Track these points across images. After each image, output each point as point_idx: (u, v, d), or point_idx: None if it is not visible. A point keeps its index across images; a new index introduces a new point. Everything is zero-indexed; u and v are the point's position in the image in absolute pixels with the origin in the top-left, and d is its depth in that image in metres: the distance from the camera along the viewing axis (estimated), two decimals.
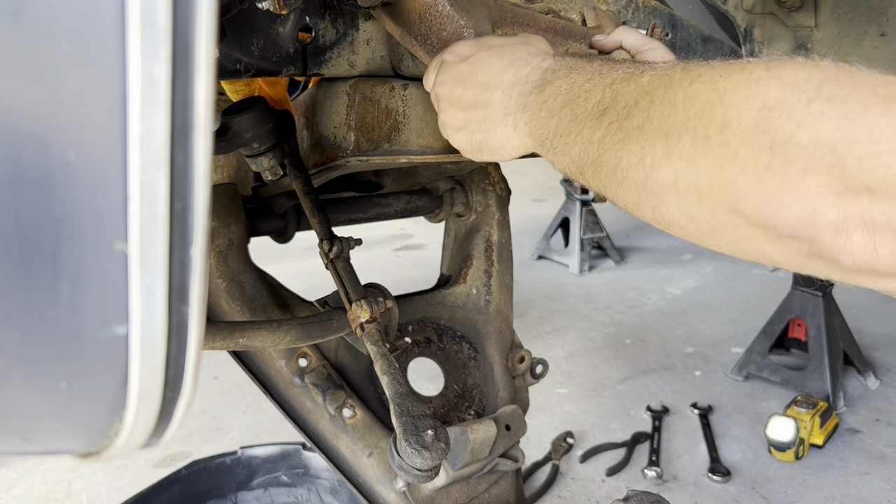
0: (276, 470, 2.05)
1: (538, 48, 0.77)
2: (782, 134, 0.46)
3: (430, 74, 0.84)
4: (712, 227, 0.53)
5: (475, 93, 0.77)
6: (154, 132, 0.35)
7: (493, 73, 0.76)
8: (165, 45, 0.34)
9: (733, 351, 3.46)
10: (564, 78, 0.68)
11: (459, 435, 1.23)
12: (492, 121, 0.76)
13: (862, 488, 2.41)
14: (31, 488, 2.40)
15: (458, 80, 0.78)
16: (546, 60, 0.74)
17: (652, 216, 0.58)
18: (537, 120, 0.70)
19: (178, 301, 0.38)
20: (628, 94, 0.59)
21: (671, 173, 0.53)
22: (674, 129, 0.53)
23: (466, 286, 1.49)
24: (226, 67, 0.95)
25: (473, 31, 0.86)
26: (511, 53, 0.76)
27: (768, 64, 0.49)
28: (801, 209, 0.45)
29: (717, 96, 0.50)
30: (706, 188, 0.51)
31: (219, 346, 1.08)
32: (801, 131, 0.45)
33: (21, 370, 0.39)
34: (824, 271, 0.48)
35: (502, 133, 0.76)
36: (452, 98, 0.79)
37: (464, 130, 0.80)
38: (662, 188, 0.54)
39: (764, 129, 0.47)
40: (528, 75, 0.73)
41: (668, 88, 0.55)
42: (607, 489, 2.43)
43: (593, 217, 4.76)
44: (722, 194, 0.50)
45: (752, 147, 0.47)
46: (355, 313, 1.11)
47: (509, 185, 1.55)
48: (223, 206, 1.21)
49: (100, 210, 0.36)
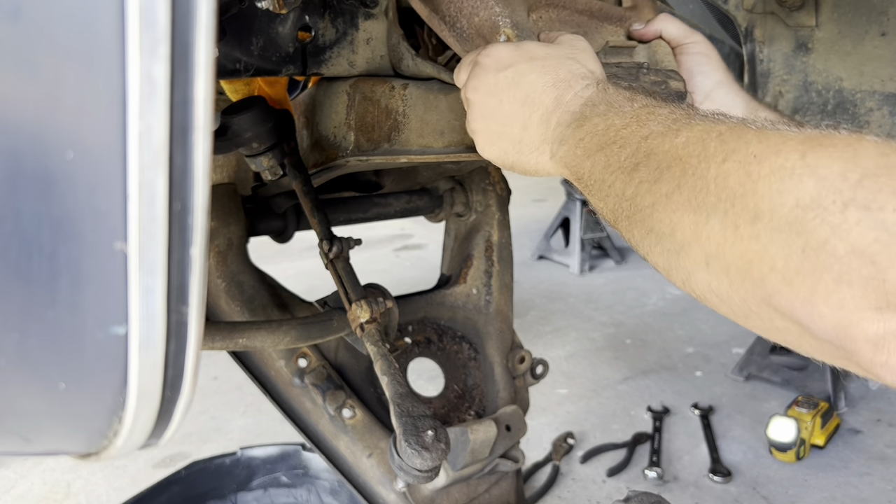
0: (275, 471, 2.05)
1: (582, 65, 0.73)
2: (816, 239, 0.43)
3: (461, 73, 0.80)
4: (745, 314, 0.50)
5: (512, 110, 0.73)
6: (153, 132, 0.35)
7: (534, 92, 0.72)
8: (165, 45, 0.34)
9: (734, 351, 3.46)
10: (602, 116, 0.65)
11: (459, 435, 1.23)
12: (528, 145, 0.73)
13: (863, 489, 2.41)
14: (30, 489, 2.40)
15: (495, 91, 0.74)
16: (589, 88, 0.70)
17: (684, 287, 0.56)
18: (573, 157, 0.68)
19: (178, 301, 0.38)
20: (661, 155, 0.57)
21: (701, 254, 0.51)
22: (703, 207, 0.51)
23: (466, 286, 1.49)
24: (225, 67, 0.94)
25: (509, 20, 0.81)
26: (554, 71, 0.72)
27: (804, 149, 0.46)
28: (835, 320, 0.42)
29: (749, 183, 0.48)
30: (737, 277, 0.48)
31: (218, 346, 1.08)
32: (835, 239, 0.42)
33: (20, 370, 0.39)
34: (867, 376, 0.45)
35: (538, 160, 0.73)
36: (486, 109, 0.76)
37: (496, 146, 0.77)
38: (694, 265, 0.52)
39: (797, 230, 0.44)
40: (569, 103, 0.70)
41: (702, 160, 0.52)
42: (608, 490, 2.43)
43: (593, 217, 4.76)
44: (753, 287, 0.47)
45: (783, 247, 0.44)
46: (355, 313, 1.11)
47: (509, 185, 1.55)
48: (222, 206, 1.21)
49: (99, 210, 0.36)
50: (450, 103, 0.94)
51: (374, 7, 1.03)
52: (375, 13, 1.04)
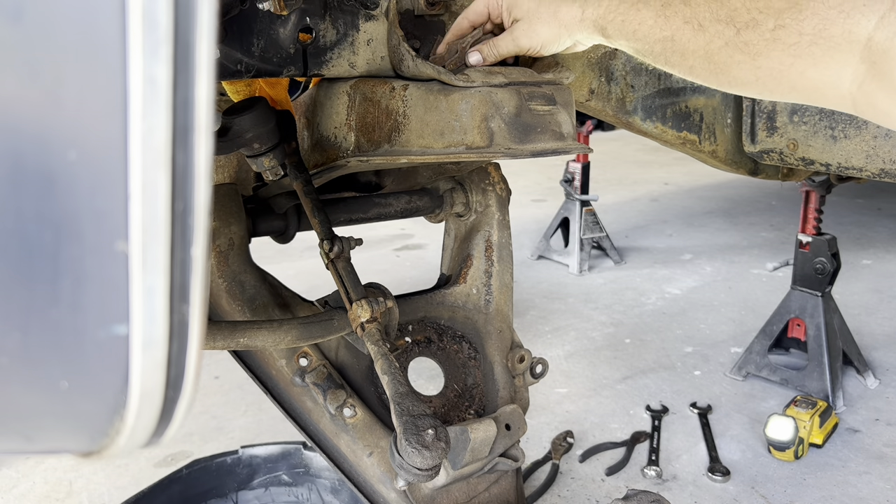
0: (276, 469, 2.05)
1: None
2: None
3: None
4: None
5: None
6: (155, 132, 0.35)
7: None
8: (166, 46, 0.34)
9: (733, 351, 3.46)
10: None
11: (459, 434, 1.24)
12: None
13: (861, 488, 2.41)
14: (32, 488, 2.40)
15: None
16: None
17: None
18: None
19: (179, 301, 0.38)
20: None
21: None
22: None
23: (466, 286, 1.49)
24: (227, 68, 0.95)
25: None
26: None
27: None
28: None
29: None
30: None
31: (220, 345, 1.08)
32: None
33: (22, 369, 0.39)
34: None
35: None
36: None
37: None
38: None
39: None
40: None
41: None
42: (607, 488, 2.43)
43: (593, 217, 4.76)
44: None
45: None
46: (356, 313, 1.11)
47: (509, 185, 1.55)
48: (224, 206, 1.21)
49: (101, 210, 0.36)
50: (450, 104, 0.94)
51: (374, 8, 1.04)
52: (376, 14, 1.04)
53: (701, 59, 0.77)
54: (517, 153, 0.93)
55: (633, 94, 1.53)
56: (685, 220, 5.92)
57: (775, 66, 0.72)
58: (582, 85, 1.44)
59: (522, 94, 0.95)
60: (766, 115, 1.67)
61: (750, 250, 5.07)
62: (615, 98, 1.51)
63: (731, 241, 5.31)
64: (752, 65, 0.73)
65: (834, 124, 1.57)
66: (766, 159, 1.72)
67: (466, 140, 0.93)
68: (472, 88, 0.93)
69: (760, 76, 0.74)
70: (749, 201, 6.47)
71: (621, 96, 1.52)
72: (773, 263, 4.71)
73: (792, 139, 1.64)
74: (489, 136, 0.92)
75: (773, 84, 0.74)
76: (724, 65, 0.76)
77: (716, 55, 0.76)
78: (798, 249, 3.12)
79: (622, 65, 1.50)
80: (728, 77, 0.77)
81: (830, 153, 1.58)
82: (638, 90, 1.54)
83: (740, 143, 1.74)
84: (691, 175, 7.43)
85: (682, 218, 5.98)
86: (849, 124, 1.55)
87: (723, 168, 1.80)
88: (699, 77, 0.80)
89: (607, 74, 1.48)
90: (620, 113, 1.53)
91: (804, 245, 3.10)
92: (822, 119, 1.59)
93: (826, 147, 1.59)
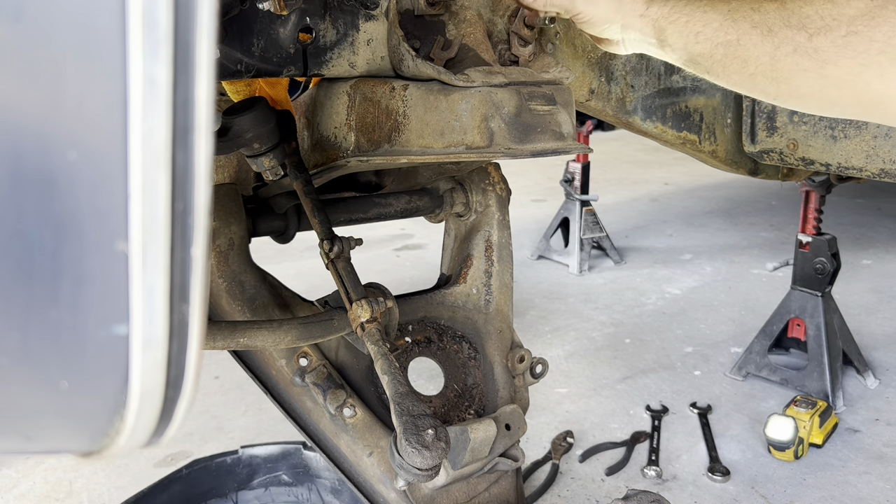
0: (276, 469, 2.05)
1: None
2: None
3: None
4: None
5: None
6: (155, 132, 0.35)
7: None
8: (166, 46, 0.34)
9: (732, 350, 3.46)
10: None
11: (459, 434, 1.24)
12: None
13: (861, 487, 2.41)
14: (32, 487, 2.40)
15: None
16: None
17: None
18: None
19: (179, 301, 0.38)
20: None
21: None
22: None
23: (466, 286, 1.49)
24: (227, 68, 0.95)
25: None
26: None
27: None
28: None
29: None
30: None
31: (220, 345, 1.08)
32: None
33: (22, 369, 0.39)
34: None
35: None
36: None
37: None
38: None
39: None
40: None
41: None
42: (607, 488, 2.43)
43: (593, 217, 4.76)
44: None
45: None
46: (356, 313, 1.11)
47: (509, 185, 1.55)
48: (224, 206, 1.21)
49: (101, 210, 0.36)
50: (450, 104, 0.94)
51: (374, 8, 1.04)
52: (376, 14, 1.04)
53: (765, 65, 0.75)
54: (517, 153, 0.93)
55: (633, 94, 1.53)
56: (685, 220, 5.92)
57: (842, 76, 0.70)
58: (582, 85, 1.44)
59: (522, 93, 0.95)
60: (766, 116, 1.68)
61: (750, 250, 5.07)
62: (615, 98, 1.51)
63: (731, 241, 5.31)
64: (819, 73, 0.71)
65: (834, 124, 1.57)
66: (766, 159, 1.72)
67: (466, 140, 0.93)
68: (472, 88, 0.93)
69: (825, 85, 0.72)
70: (749, 201, 6.47)
71: (621, 96, 1.52)
72: (773, 263, 4.71)
73: (792, 139, 1.64)
74: (489, 136, 0.92)
75: (837, 94, 0.72)
76: (788, 72, 0.74)
77: (781, 62, 0.74)
78: (798, 249, 3.12)
79: (622, 65, 1.50)
80: (790, 87, 0.75)
81: (830, 153, 1.58)
82: (638, 90, 1.54)
83: (740, 143, 1.75)
84: (691, 175, 7.43)
85: (682, 218, 5.98)
86: (849, 124, 1.55)
87: (723, 168, 1.80)
88: (758, 86, 0.78)
89: (607, 74, 1.48)
90: (620, 113, 1.53)
91: (804, 245, 3.10)
92: (822, 119, 1.59)
93: (826, 147, 1.59)
